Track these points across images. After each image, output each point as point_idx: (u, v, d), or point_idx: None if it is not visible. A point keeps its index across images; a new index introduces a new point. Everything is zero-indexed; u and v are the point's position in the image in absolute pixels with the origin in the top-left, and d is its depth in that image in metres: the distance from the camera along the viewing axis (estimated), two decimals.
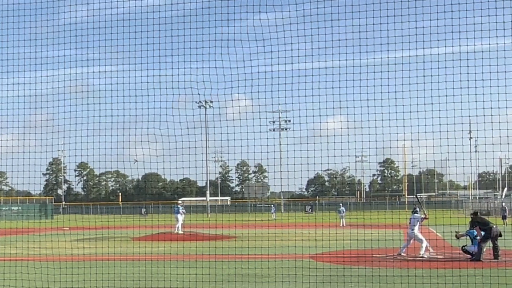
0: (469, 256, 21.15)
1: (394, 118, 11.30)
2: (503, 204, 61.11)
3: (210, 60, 12.18)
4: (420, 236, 22.56)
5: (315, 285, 14.32)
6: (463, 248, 21.64)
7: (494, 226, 21.42)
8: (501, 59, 10.63)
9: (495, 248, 21.07)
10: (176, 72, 12.34)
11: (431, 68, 11.10)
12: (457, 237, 22.24)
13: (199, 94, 11.87)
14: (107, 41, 12.75)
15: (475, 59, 10.59)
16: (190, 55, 12.10)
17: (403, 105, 11.03)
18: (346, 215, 52.19)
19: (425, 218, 22.81)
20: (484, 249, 21.01)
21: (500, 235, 21.20)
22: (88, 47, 13.05)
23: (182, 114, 11.66)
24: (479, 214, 24.55)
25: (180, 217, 36.34)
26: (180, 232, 34.98)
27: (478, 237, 21.62)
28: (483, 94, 10.49)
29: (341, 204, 55.92)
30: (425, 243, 22.33)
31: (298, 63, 11.44)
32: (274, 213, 75.94)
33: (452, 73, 10.76)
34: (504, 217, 50.37)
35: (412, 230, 22.62)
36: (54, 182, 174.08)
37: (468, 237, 22.30)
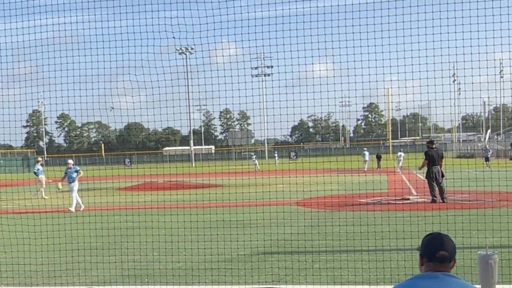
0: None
1: (374, 59, 11.05)
2: (486, 146, 61.91)
3: (184, 2, 11.73)
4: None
5: (298, 228, 14.34)
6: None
7: (435, 167, 21.05)
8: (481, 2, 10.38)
9: (441, 189, 21.01)
10: (150, 16, 11.91)
11: (411, 6, 10.82)
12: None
13: (174, 38, 11.49)
14: None
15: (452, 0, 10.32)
16: None
17: (382, 44, 10.75)
18: (330, 160, 51.95)
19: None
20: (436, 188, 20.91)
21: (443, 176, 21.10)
22: None
23: (162, 59, 11.30)
24: (435, 146, 22.04)
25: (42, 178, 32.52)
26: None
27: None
28: (464, 32, 10.24)
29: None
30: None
31: (275, 3, 11.06)
32: (256, 163, 72.15)
33: (431, 11, 10.48)
34: (486, 159, 51.16)
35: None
36: (35, 134, 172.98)
37: None
